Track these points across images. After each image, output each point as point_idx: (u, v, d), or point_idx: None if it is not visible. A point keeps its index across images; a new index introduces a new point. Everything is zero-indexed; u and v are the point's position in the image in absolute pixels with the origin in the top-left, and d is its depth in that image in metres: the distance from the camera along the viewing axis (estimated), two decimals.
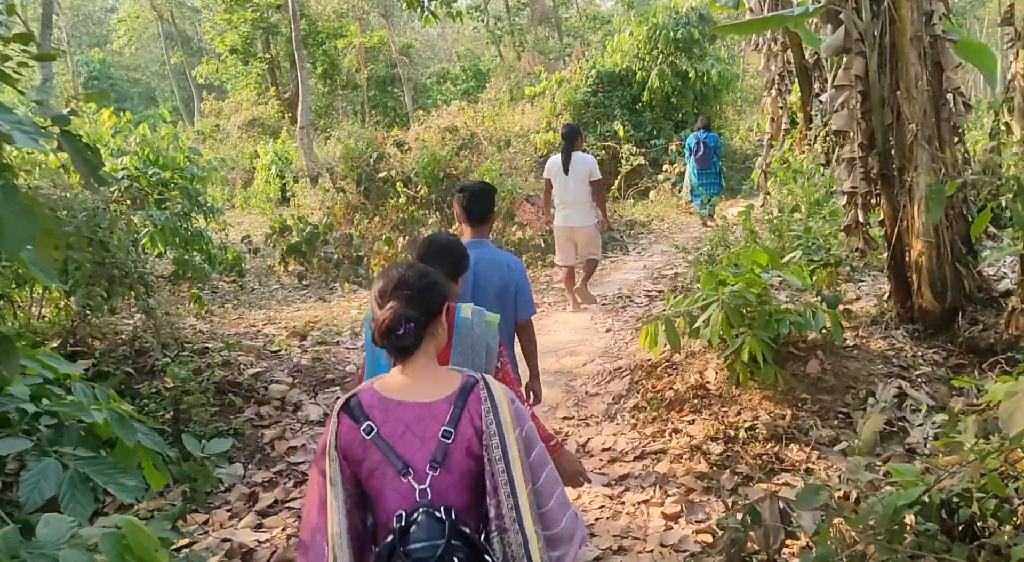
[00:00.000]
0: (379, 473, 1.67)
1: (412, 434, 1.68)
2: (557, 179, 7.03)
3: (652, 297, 7.47)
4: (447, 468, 1.67)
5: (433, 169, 10.18)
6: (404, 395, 1.73)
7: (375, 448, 1.66)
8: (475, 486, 1.72)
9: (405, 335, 1.71)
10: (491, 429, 1.69)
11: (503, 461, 1.68)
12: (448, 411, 1.70)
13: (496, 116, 14.61)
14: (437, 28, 52.75)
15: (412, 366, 1.77)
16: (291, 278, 10.27)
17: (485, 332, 2.48)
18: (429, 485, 1.65)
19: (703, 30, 14.70)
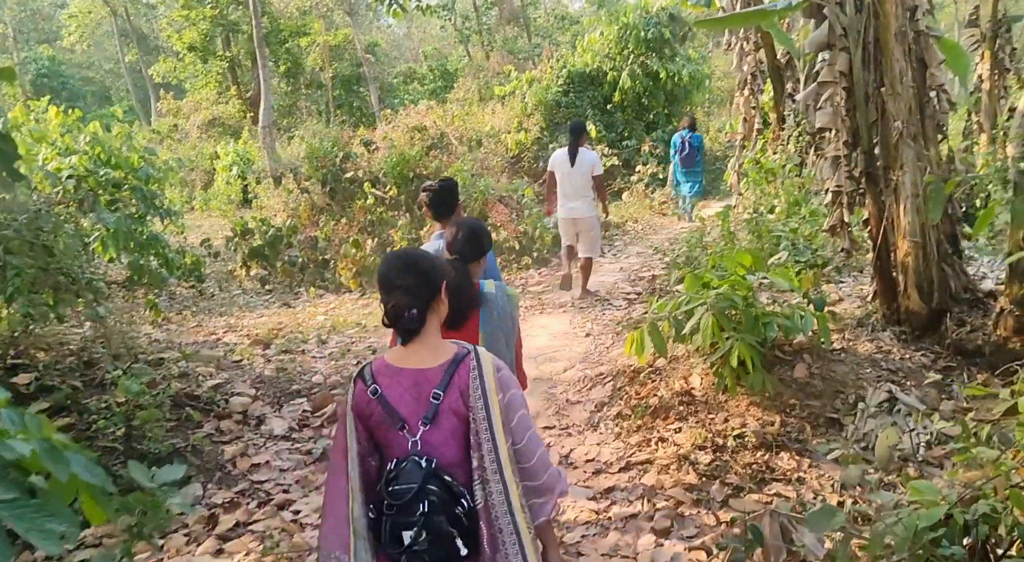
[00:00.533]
0: (383, 427, 1.95)
1: (410, 395, 1.94)
2: (561, 172, 7.34)
3: (631, 300, 7.28)
4: (436, 425, 1.93)
5: (402, 169, 9.89)
6: (406, 363, 1.99)
7: (379, 406, 1.94)
8: (463, 442, 1.95)
9: (411, 320, 1.95)
10: (476, 393, 1.94)
11: (486, 421, 1.92)
12: (440, 376, 1.95)
13: (466, 116, 14.34)
14: (403, 27, 52.26)
15: (416, 344, 2.00)
16: (253, 283, 9.90)
17: (508, 304, 2.91)
18: (420, 438, 1.91)
19: (674, 30, 14.61)
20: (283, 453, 4.91)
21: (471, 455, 1.93)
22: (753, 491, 4.03)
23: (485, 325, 2.83)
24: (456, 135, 13.29)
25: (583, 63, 15.34)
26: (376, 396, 1.94)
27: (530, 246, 9.55)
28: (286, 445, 5.00)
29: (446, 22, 25.16)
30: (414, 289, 1.95)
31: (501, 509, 1.91)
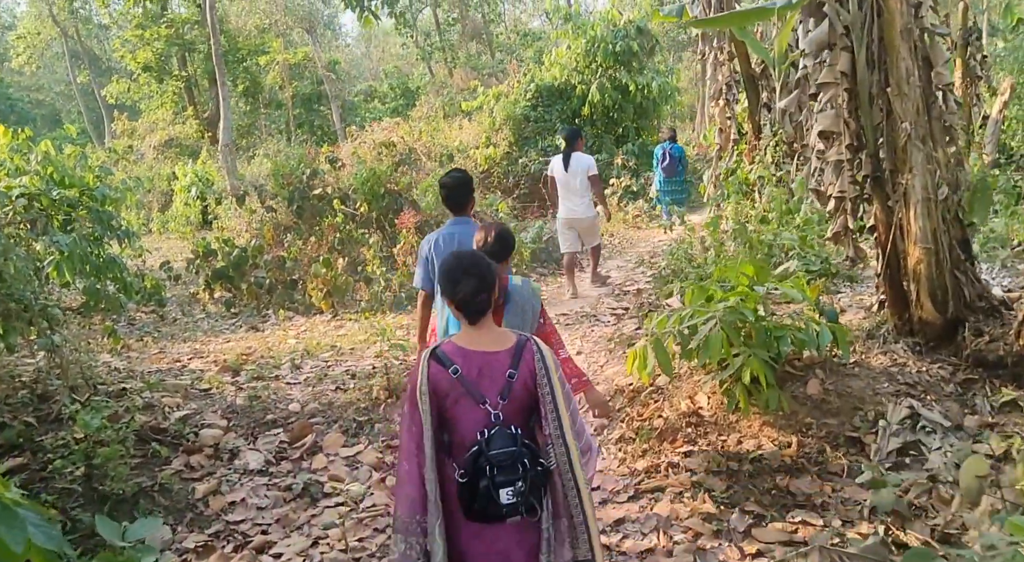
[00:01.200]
0: (461, 403, 2.23)
1: (485, 375, 2.25)
2: (558, 177, 7.87)
3: (619, 316, 7.00)
4: (511, 399, 2.26)
5: (373, 185, 9.54)
6: (476, 346, 2.30)
7: (459, 385, 2.23)
8: (529, 414, 2.32)
9: (482, 303, 2.29)
10: (542, 372, 2.28)
11: (551, 394, 2.27)
12: (510, 359, 2.28)
13: (433, 131, 14.04)
14: (362, 47, 52.02)
15: (481, 326, 2.33)
16: (218, 306, 9.42)
17: (531, 296, 3.35)
18: (500, 411, 2.23)
19: (642, 43, 14.53)
20: (260, 490, 4.49)
21: (543, 423, 2.28)
22: (776, 519, 3.75)
23: (508, 315, 3.23)
24: (424, 151, 12.99)
25: (551, 77, 15.18)
26: (457, 375, 2.24)
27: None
28: (263, 481, 4.59)
29: (408, 39, 24.90)
30: (482, 279, 2.30)
31: (565, 468, 2.28)
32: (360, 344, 6.91)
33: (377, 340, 6.42)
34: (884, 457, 4.05)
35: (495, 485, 2.16)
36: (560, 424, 2.28)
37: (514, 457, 2.18)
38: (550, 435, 2.28)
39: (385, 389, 5.42)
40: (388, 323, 7.37)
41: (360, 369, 6.09)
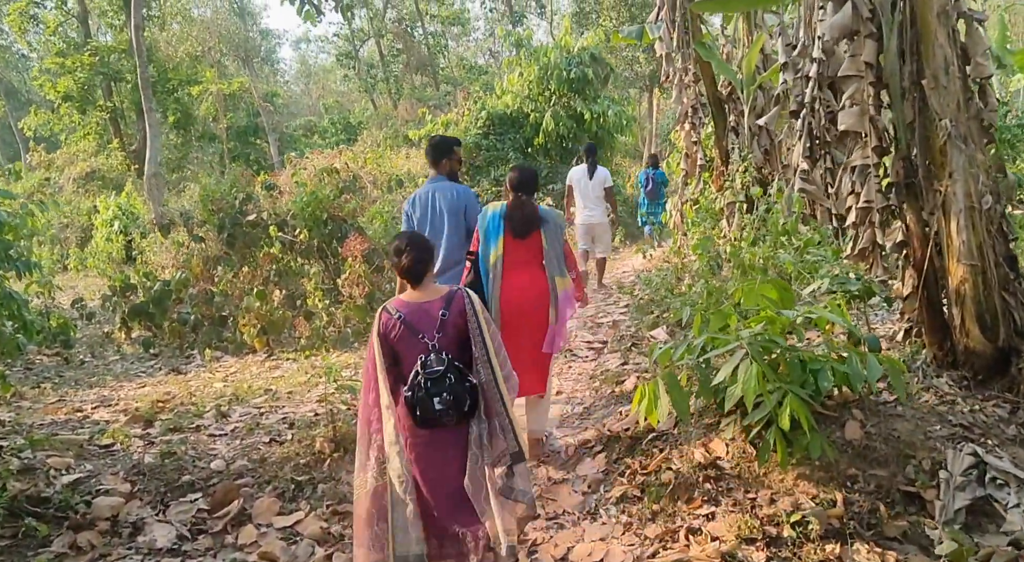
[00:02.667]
0: (405, 339, 2.90)
1: (423, 318, 2.92)
2: (579, 186, 8.89)
3: (597, 350, 6.20)
4: (445, 332, 2.91)
5: (314, 210, 8.61)
6: (415, 299, 2.97)
7: (402, 325, 2.90)
8: (460, 344, 2.95)
9: (419, 270, 2.94)
10: (471, 312, 2.94)
11: (478, 328, 2.93)
12: (443, 304, 2.94)
13: (379, 158, 13.20)
14: (301, 84, 51.16)
15: (420, 288, 2.98)
16: (135, 347, 8.27)
17: (558, 218, 4.33)
18: (436, 341, 2.89)
19: (596, 71, 14.07)
20: None
21: (472, 349, 2.91)
22: None
23: (545, 234, 4.20)
24: (369, 179, 12.13)
25: (503, 105, 14.56)
26: (399, 319, 2.90)
27: None
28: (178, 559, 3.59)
29: (350, 72, 24.10)
30: (421, 252, 2.92)
31: (490, 383, 2.90)
32: (299, 387, 5.93)
33: (320, 382, 5.47)
34: (951, 517, 3.31)
35: (429, 395, 2.79)
36: (486, 350, 2.90)
37: (443, 373, 2.79)
38: (478, 358, 2.89)
39: (331, 440, 4.46)
40: (332, 362, 6.41)
41: (300, 417, 5.11)
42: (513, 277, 4.19)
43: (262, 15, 38.06)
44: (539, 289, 4.20)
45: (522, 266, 4.20)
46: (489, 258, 4.21)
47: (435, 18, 25.70)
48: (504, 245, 4.19)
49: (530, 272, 4.20)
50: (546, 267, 4.21)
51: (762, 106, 9.89)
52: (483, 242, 4.25)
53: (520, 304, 4.18)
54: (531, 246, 4.22)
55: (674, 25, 9.81)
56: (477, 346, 2.90)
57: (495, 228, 4.23)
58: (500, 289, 4.17)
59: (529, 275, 4.20)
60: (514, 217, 4.22)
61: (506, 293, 4.17)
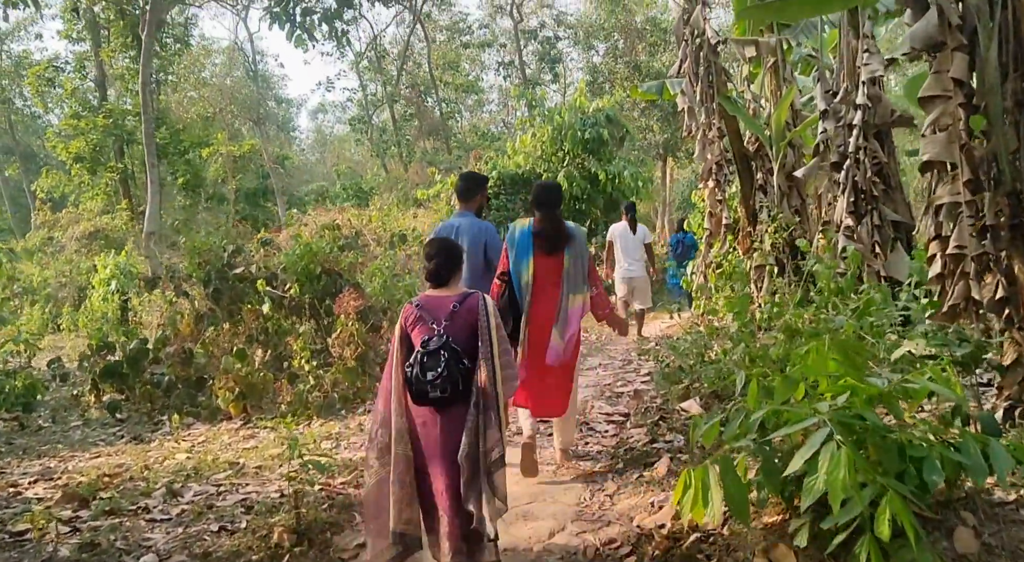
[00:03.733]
0: (417, 324, 3.12)
1: (438, 307, 3.13)
2: (621, 241, 9.38)
3: (618, 423, 5.34)
4: (453, 322, 3.09)
5: (308, 263, 7.90)
6: (437, 295, 3.20)
7: (418, 311, 3.14)
8: (467, 337, 3.10)
9: (444, 274, 3.22)
10: (482, 311, 3.13)
11: (487, 327, 3.10)
12: (457, 299, 3.15)
13: (385, 216, 12.63)
14: (316, 153, 51.61)
15: (443, 287, 3.21)
16: (102, 411, 7.45)
17: (581, 235, 4.42)
18: (443, 328, 3.07)
19: (612, 131, 13.58)
20: None
21: (479, 345, 3.08)
22: None
23: (569, 251, 4.29)
24: (374, 237, 11.51)
25: (514, 165, 14.06)
26: (417, 307, 3.16)
27: None
28: None
29: (362, 136, 23.91)
30: (448, 257, 3.24)
31: (491, 380, 3.06)
32: (271, 461, 5.08)
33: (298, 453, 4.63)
34: None
35: (423, 368, 2.99)
36: (491, 348, 3.10)
37: (438, 350, 2.99)
38: (483, 353, 3.07)
39: (293, 531, 3.60)
40: (312, 432, 5.57)
41: (263, 498, 4.26)
42: (540, 297, 4.29)
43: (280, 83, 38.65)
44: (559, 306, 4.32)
45: (548, 285, 4.28)
46: (522, 276, 4.29)
47: (449, 85, 25.77)
48: (535, 264, 4.27)
49: (554, 291, 4.29)
50: (563, 283, 4.27)
51: (792, 163, 9.24)
52: (514, 260, 4.30)
53: (545, 324, 4.27)
54: (557, 264, 4.29)
55: (697, 78, 9.27)
56: (484, 343, 3.07)
57: (525, 246, 4.30)
58: (531, 307, 4.27)
59: (554, 294, 4.28)
60: (544, 233, 4.28)
61: (534, 313, 4.28)
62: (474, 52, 28.74)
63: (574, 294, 4.28)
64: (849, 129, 6.59)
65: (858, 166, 6.40)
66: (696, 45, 9.09)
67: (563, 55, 28.37)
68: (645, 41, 24.07)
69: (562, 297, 4.26)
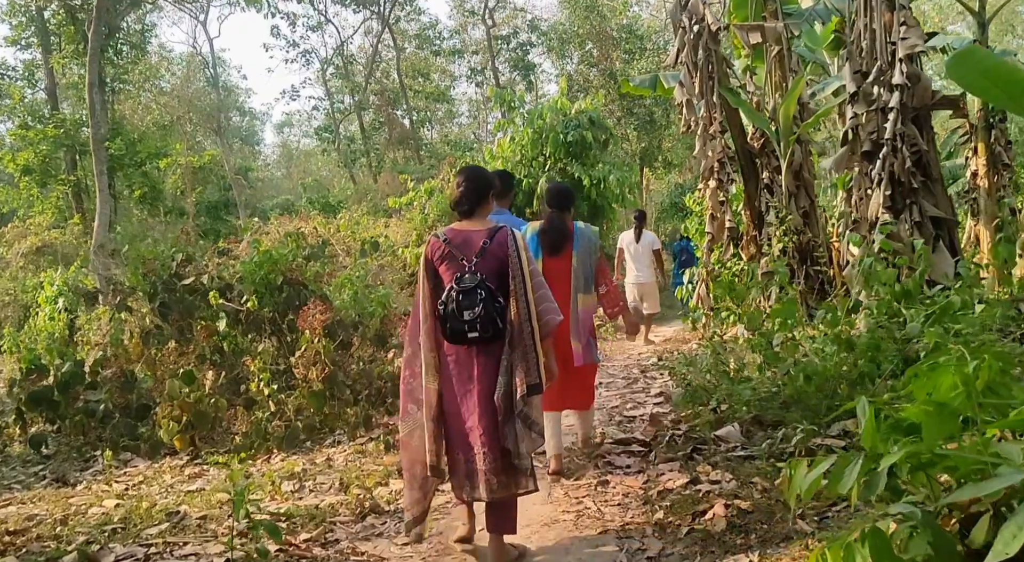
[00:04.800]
0: (446, 261, 3.10)
1: (466, 244, 3.11)
2: (630, 249, 9.49)
3: (639, 455, 4.47)
4: (484, 258, 3.07)
5: (268, 272, 6.96)
6: (464, 228, 3.18)
7: (446, 246, 3.12)
8: (501, 272, 3.08)
9: (467, 203, 3.19)
10: (512, 247, 3.09)
11: (518, 262, 3.08)
12: (487, 235, 3.11)
13: (355, 225, 11.72)
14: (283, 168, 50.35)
15: (471, 219, 3.20)
16: (26, 446, 6.41)
17: (591, 234, 4.48)
18: (474, 264, 3.05)
19: (596, 134, 12.83)
20: None
21: (509, 279, 3.05)
22: None
23: (577, 248, 4.34)
24: (343, 247, 10.58)
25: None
26: (445, 241, 3.12)
27: None
28: None
29: (329, 146, 22.94)
30: (471, 185, 3.19)
31: (525, 316, 3.04)
32: (218, 510, 4.13)
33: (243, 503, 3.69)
34: None
35: (459, 307, 2.96)
36: (523, 283, 3.06)
37: (475, 288, 2.97)
38: (514, 290, 3.04)
39: None
40: (271, 471, 4.65)
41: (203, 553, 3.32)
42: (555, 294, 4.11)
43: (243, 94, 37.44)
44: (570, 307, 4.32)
45: (559, 288, 4.14)
46: None
47: (419, 93, 24.89)
48: (543, 263, 4.26)
49: (564, 292, 4.23)
50: (572, 283, 4.31)
51: (799, 162, 8.54)
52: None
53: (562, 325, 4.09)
54: (564, 264, 4.33)
55: (696, 68, 8.56)
56: (515, 278, 3.03)
57: (535, 248, 4.31)
58: None
59: (563, 295, 4.19)
60: (547, 232, 4.35)
61: None
62: (444, 61, 27.98)
63: (583, 294, 4.35)
64: (883, 114, 5.87)
65: (895, 155, 5.68)
66: (694, 32, 8.38)
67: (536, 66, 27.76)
68: (620, 48, 23.51)
69: (573, 300, 4.30)
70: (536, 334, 3.04)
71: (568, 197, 4.54)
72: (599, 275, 4.47)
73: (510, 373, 2.99)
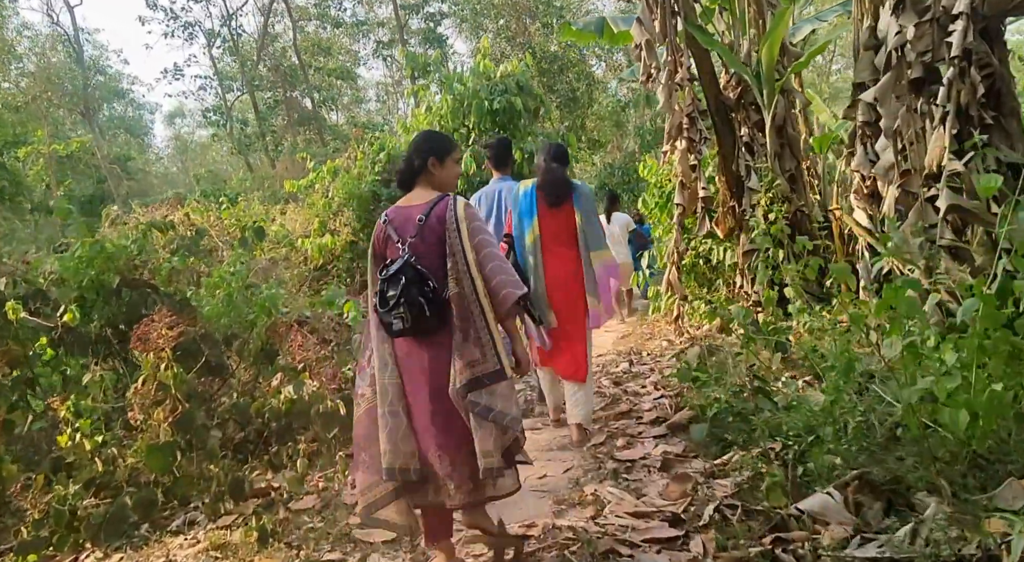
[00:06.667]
0: (388, 243, 2.79)
1: (406, 222, 2.77)
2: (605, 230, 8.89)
3: (666, 544, 2.79)
4: (421, 238, 2.72)
5: (100, 274, 4.97)
6: (406, 204, 2.84)
7: (388, 229, 2.79)
8: (440, 251, 2.71)
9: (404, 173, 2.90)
10: (451, 219, 2.71)
11: (458, 235, 2.68)
12: (425, 209, 2.76)
13: (240, 212, 9.69)
14: (178, 162, 46.68)
15: (412, 193, 2.86)
16: None
17: (589, 193, 4.37)
18: (409, 246, 2.71)
19: (525, 102, 11.13)
20: None
21: (447, 258, 2.69)
22: None
23: (577, 204, 4.22)
24: (226, 239, 8.57)
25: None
26: (386, 223, 2.81)
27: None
28: None
29: (220, 129, 20.44)
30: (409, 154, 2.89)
31: (472, 297, 2.66)
32: None
33: None
34: None
35: (383, 296, 2.67)
36: (464, 257, 2.68)
37: (396, 273, 2.64)
38: (452, 266, 2.68)
39: None
40: None
41: None
42: (551, 257, 4.20)
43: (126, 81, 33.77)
44: (575, 264, 4.20)
45: (558, 245, 4.19)
46: (526, 238, 4.24)
47: (320, 70, 22.47)
48: (540, 223, 4.21)
49: (566, 244, 4.20)
50: (581, 241, 4.19)
51: (783, 116, 7.07)
52: (517, 223, 4.27)
53: (563, 279, 4.19)
54: (565, 218, 4.22)
55: (656, 3, 6.96)
56: (453, 254, 2.70)
57: (529, 204, 4.25)
58: (544, 266, 4.20)
59: (565, 248, 4.19)
60: (546, 183, 4.24)
61: (550, 275, 4.19)
62: (348, 39, 25.70)
63: (596, 250, 4.23)
64: (940, 27, 4.39)
65: (963, 79, 4.22)
66: None
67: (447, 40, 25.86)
68: (539, 20, 21.94)
69: (583, 257, 4.19)
70: (488, 314, 2.69)
71: (566, 154, 4.46)
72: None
73: (461, 357, 2.68)
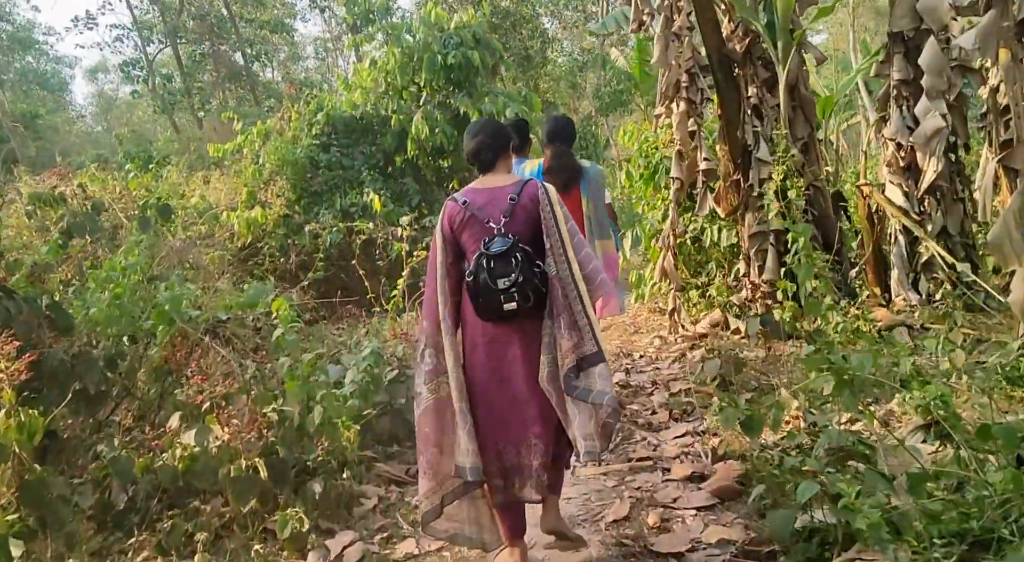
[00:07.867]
0: (470, 227, 2.66)
1: (491, 203, 2.68)
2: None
3: None
4: (513, 218, 2.65)
5: None
6: (486, 186, 2.76)
7: (466, 211, 2.66)
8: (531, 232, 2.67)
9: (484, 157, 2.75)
10: (544, 200, 2.67)
11: (552, 217, 2.64)
12: (514, 189, 2.69)
13: (148, 181, 8.30)
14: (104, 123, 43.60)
15: (491, 175, 2.77)
16: None
17: (599, 176, 4.30)
18: (502, 226, 2.63)
19: (484, 56, 9.88)
20: None
21: (545, 239, 2.63)
22: None
23: (585, 189, 4.11)
24: (129, 213, 7.21)
25: (349, 105, 10.03)
26: (465, 205, 2.68)
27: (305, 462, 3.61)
28: None
29: (140, 85, 18.55)
30: (486, 138, 2.75)
31: (568, 278, 2.59)
32: None
33: None
34: None
35: (492, 276, 2.55)
36: (561, 242, 2.62)
37: (508, 253, 2.55)
38: (551, 248, 2.61)
39: None
40: None
41: None
42: None
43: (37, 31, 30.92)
44: None
45: None
46: None
47: (252, 22, 20.56)
48: None
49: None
50: (588, 229, 4.08)
51: (795, 74, 6.05)
52: None
53: None
54: (573, 205, 4.00)
55: None
56: (551, 236, 2.65)
57: None
58: None
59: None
60: (553, 168, 4.10)
61: None
62: None
63: (601, 240, 4.12)
64: None
65: None
66: None
67: None
68: None
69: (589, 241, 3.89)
70: (585, 297, 2.58)
71: (572, 130, 4.31)
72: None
73: (554, 348, 2.57)
